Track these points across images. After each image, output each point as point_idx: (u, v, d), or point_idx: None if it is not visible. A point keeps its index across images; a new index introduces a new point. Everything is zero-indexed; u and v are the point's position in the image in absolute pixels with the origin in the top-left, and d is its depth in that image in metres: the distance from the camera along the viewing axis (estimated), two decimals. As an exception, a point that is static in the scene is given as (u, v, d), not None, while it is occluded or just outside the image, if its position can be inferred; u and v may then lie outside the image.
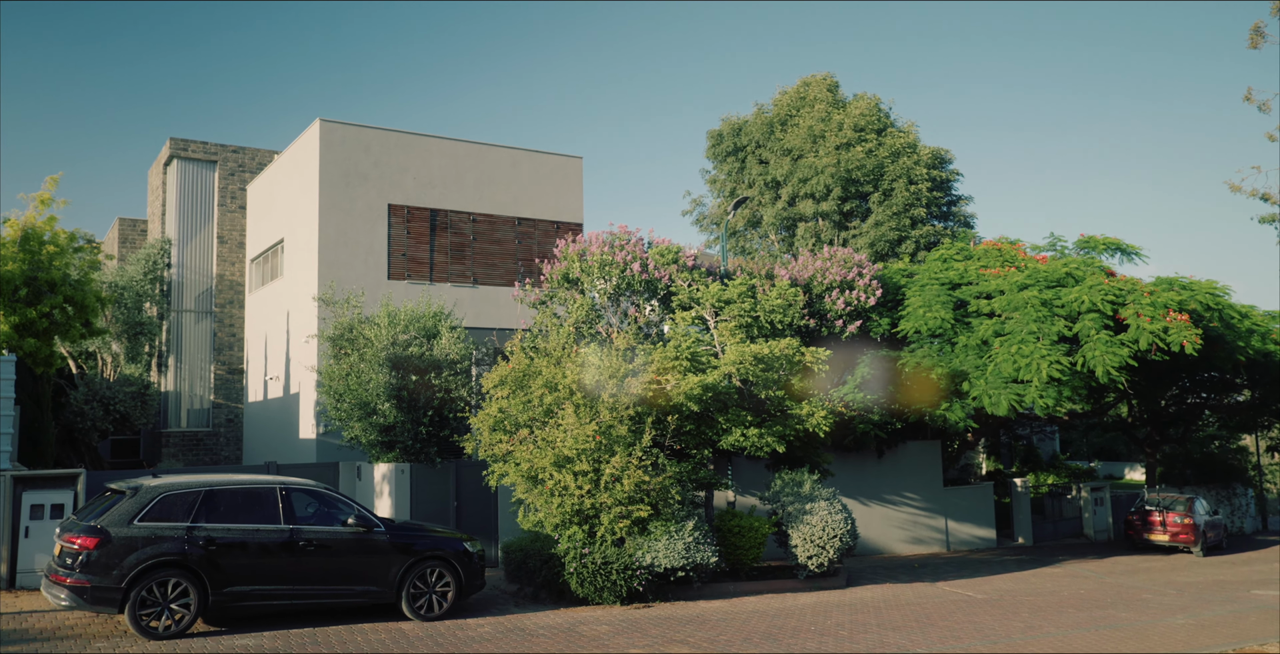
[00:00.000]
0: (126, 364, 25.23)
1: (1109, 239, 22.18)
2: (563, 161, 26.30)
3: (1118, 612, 14.14)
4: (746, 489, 18.86)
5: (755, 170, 33.82)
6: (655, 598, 13.81)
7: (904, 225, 30.66)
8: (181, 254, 28.16)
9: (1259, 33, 21.59)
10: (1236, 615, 13.97)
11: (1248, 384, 26.43)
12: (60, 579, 10.29)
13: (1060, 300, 18.21)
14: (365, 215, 23.33)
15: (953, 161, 33.02)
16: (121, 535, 10.37)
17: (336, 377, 17.47)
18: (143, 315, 25.70)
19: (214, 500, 11.03)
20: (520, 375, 14.28)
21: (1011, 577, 18.13)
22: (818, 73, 34.96)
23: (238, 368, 28.30)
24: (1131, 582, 18.02)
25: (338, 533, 11.58)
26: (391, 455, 17.06)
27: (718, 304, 16.60)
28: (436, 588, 12.06)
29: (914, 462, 22.66)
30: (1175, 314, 17.60)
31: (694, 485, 15.15)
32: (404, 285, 23.32)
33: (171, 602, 10.43)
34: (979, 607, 14.20)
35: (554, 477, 13.30)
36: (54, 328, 16.38)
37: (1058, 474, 31.73)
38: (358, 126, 23.73)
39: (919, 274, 20.81)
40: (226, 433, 28.13)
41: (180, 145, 28.26)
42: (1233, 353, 20.34)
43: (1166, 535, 23.51)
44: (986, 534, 23.71)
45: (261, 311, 26.99)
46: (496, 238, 25.01)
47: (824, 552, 15.18)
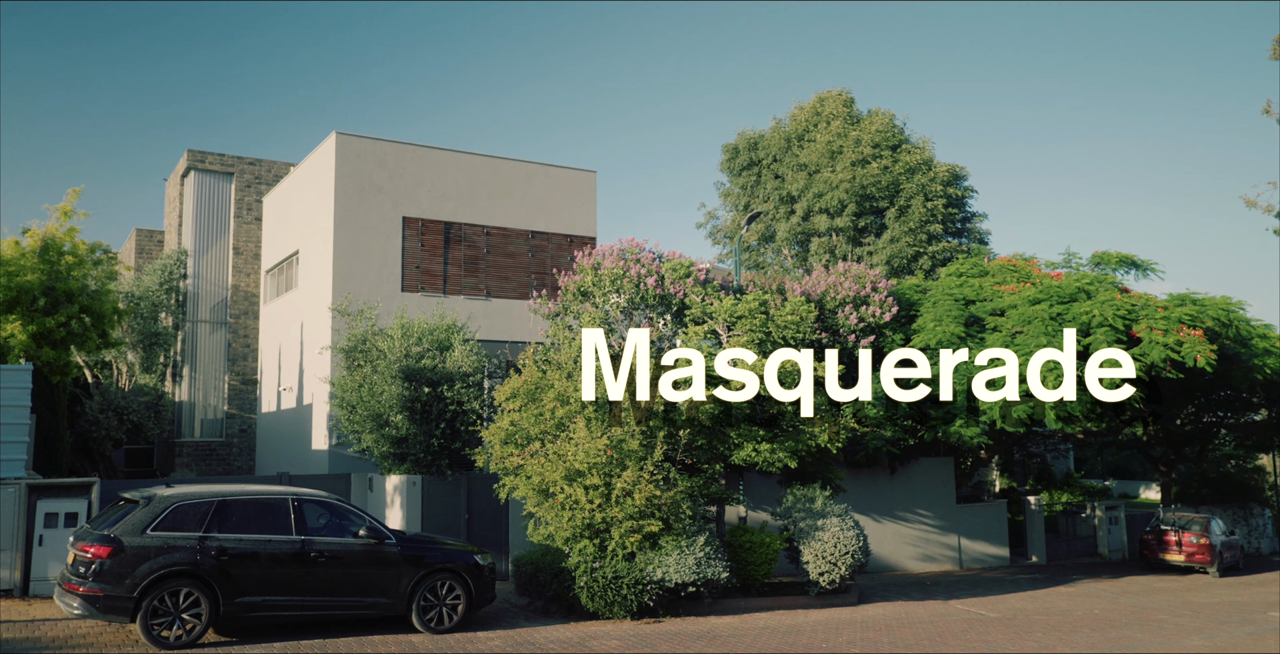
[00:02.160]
0: (141, 374, 25.41)
1: (1123, 255, 22.09)
2: (577, 175, 26.41)
3: (1132, 632, 14.00)
4: (758, 505, 18.79)
5: (770, 185, 33.87)
6: (666, 613, 13.76)
7: (920, 241, 30.64)
8: (197, 265, 28.36)
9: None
10: (1254, 638, 13.81)
11: (1264, 403, 26.21)
12: (73, 587, 10.33)
13: (1071, 314, 18.14)
14: (380, 228, 23.46)
15: (967, 178, 33.03)
16: (134, 545, 10.41)
17: (349, 388, 17.53)
18: (158, 326, 25.89)
19: (226, 511, 11.07)
20: (532, 388, 14.30)
21: (1025, 595, 17.98)
22: (833, 88, 35.08)
23: (251, 378, 28.43)
24: (1146, 602, 17.84)
25: (349, 544, 11.59)
26: (403, 467, 17.09)
27: (730, 319, 16.60)
28: (447, 601, 12.05)
29: (927, 478, 22.54)
30: (1189, 330, 17.47)
31: (705, 500, 15.11)
32: (418, 298, 23.42)
33: (183, 611, 10.46)
34: (992, 626, 14.08)
35: (565, 490, 13.29)
36: (71, 338, 16.51)
37: (1072, 492, 31.48)
38: (373, 140, 23.91)
39: (933, 290, 20.76)
40: (239, 443, 28.23)
41: (198, 157, 28.51)
42: (1249, 371, 20.17)
43: (1182, 555, 23.28)
44: (1000, 552, 23.53)
45: (276, 323, 27.14)
46: (510, 251, 25.11)
47: (836, 568, 15.10)
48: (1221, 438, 30.91)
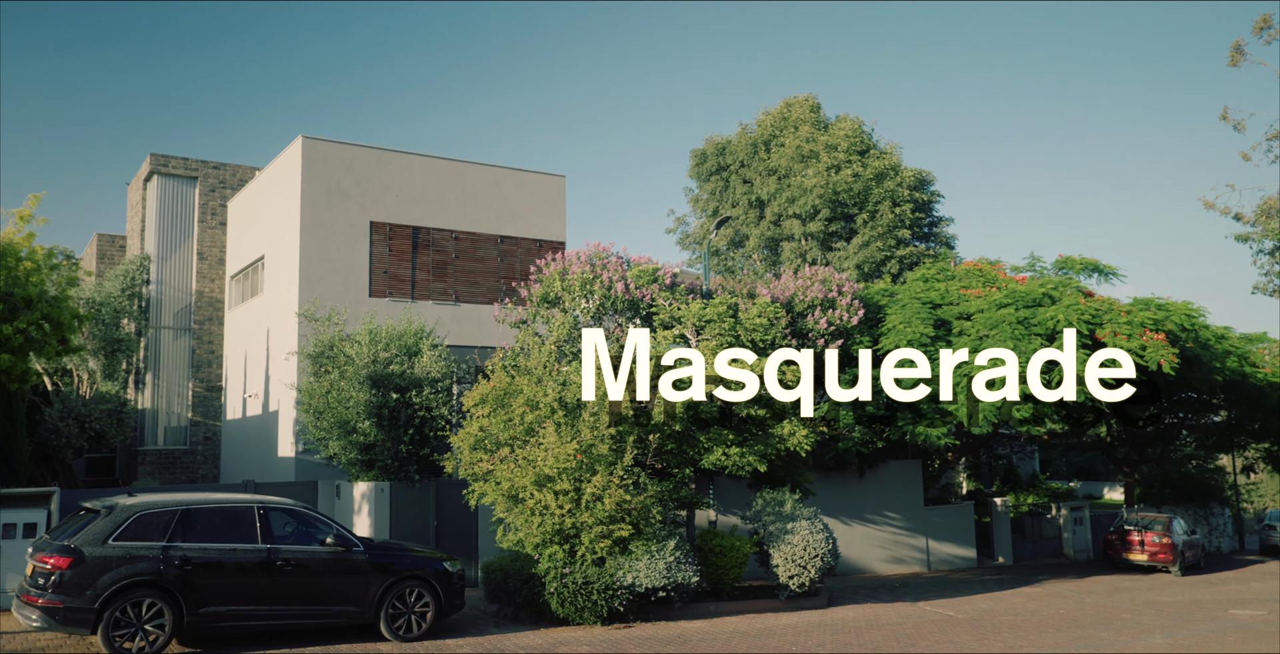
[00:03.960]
0: (103, 381, 24.98)
1: (1086, 259, 22.42)
2: (545, 180, 26.35)
3: (1097, 631, 14.17)
4: (728, 508, 18.82)
5: (739, 190, 33.98)
6: (636, 618, 13.73)
7: (888, 246, 30.89)
8: (160, 270, 27.96)
9: (1239, 51, 21.95)
10: (1215, 635, 14.03)
11: (1224, 404, 26.67)
12: (32, 600, 10.13)
13: (1037, 319, 18.38)
14: (347, 232, 23.27)
15: (934, 183, 33.33)
16: (95, 555, 10.23)
17: (316, 394, 17.36)
18: (120, 332, 25.47)
19: (190, 519, 10.91)
20: (501, 394, 14.24)
21: (992, 596, 18.15)
22: (800, 94, 35.27)
23: (216, 385, 28.07)
24: (1111, 601, 18.07)
25: (316, 553, 11.47)
26: (371, 474, 16.94)
27: (699, 323, 16.63)
28: (416, 608, 11.95)
29: (895, 481, 22.70)
30: (1152, 334, 17.76)
31: (675, 505, 15.11)
32: (385, 303, 23.24)
33: (146, 622, 10.29)
34: (959, 627, 14.20)
35: (535, 496, 13.24)
36: (29, 344, 16.18)
37: (1037, 494, 31.85)
38: (340, 143, 23.71)
39: (900, 294, 20.94)
40: (204, 451, 27.84)
41: (161, 161, 28.13)
42: (1209, 373, 20.54)
43: (1145, 555, 23.62)
44: (967, 554, 23.73)
45: (241, 328, 26.81)
46: (479, 256, 25.00)
47: (805, 571, 15.16)
48: (1183, 439, 31.42)
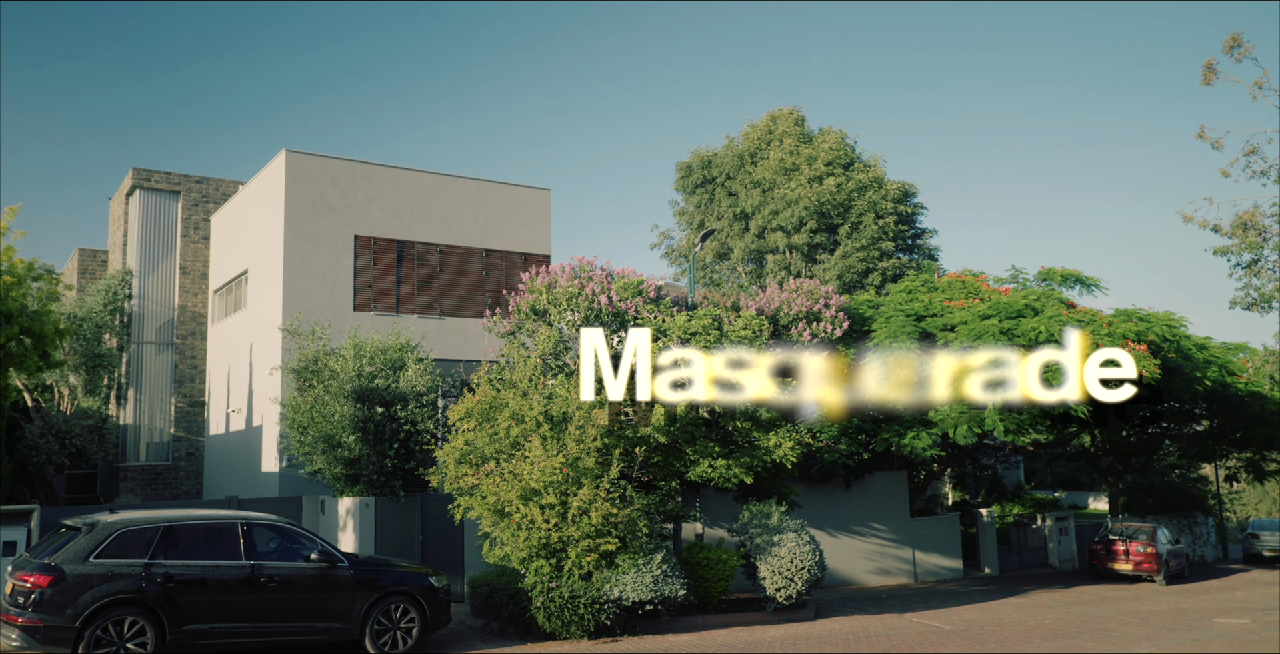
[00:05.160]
0: (84, 397, 24.75)
1: (1068, 271, 22.56)
2: (530, 193, 26.38)
3: (1083, 641, 14.20)
4: (715, 521, 18.79)
5: (724, 202, 34.11)
6: (623, 632, 13.67)
7: (871, 257, 31.04)
8: (143, 285, 27.79)
9: (1211, 70, 22.22)
10: (1200, 644, 14.08)
11: (1206, 414, 26.84)
12: (11, 618, 10.01)
13: (1020, 330, 18.49)
14: (331, 246, 23.21)
15: (917, 195, 33.60)
16: (76, 573, 10.13)
17: (300, 409, 17.27)
18: (102, 347, 25.26)
19: (173, 536, 10.82)
20: (487, 407, 14.20)
21: (978, 607, 18.17)
22: (784, 107, 35.52)
23: (199, 400, 27.88)
24: (1096, 611, 18.12)
25: (300, 568, 11.39)
26: (356, 489, 16.84)
27: (684, 335, 16.63)
28: (401, 624, 11.87)
29: (881, 492, 22.73)
30: (1134, 344, 17.89)
31: (662, 518, 15.08)
32: (370, 317, 23.17)
33: (127, 641, 10.18)
34: (946, 638, 14.20)
35: (521, 510, 13.18)
36: (9, 360, 16.04)
37: (1023, 504, 31.95)
38: (324, 157, 23.68)
39: (885, 305, 21.02)
40: (187, 467, 27.62)
41: (143, 175, 28.01)
42: (1191, 383, 20.68)
43: (1130, 564, 23.70)
44: (953, 564, 23.76)
45: (224, 343, 26.66)
46: (464, 269, 24.97)
47: (792, 583, 15.14)
48: (1166, 448, 31.59)
